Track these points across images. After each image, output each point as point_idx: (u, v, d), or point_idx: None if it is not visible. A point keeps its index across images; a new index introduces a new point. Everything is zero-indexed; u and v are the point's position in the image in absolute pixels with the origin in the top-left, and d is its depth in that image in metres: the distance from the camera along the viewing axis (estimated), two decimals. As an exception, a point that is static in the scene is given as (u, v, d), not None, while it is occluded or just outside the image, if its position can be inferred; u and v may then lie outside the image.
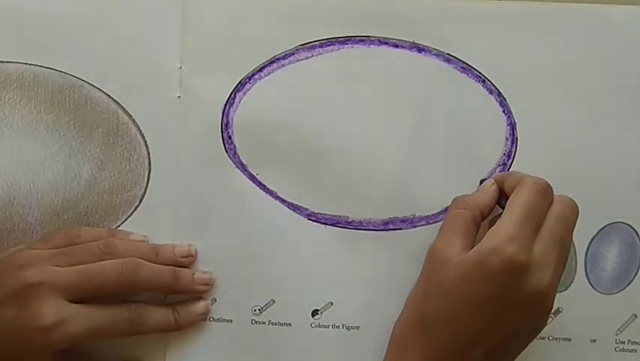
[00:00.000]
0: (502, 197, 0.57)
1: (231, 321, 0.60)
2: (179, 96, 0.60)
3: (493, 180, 0.58)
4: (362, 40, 0.61)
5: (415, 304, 0.55)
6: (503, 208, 0.55)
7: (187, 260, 0.59)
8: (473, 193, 0.58)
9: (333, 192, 0.60)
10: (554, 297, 0.54)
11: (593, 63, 0.61)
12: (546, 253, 0.52)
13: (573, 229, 0.55)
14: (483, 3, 0.61)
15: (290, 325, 0.60)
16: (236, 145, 0.60)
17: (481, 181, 0.59)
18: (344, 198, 0.60)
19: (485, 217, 0.57)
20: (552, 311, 0.59)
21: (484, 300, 0.52)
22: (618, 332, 0.60)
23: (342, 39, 0.61)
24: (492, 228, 0.53)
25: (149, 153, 0.60)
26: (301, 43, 0.60)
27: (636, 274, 0.61)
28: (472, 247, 0.53)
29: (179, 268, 0.58)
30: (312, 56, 0.60)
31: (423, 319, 0.54)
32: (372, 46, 0.61)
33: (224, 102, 0.60)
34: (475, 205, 0.56)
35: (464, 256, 0.53)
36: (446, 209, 0.60)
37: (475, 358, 0.52)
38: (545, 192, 0.54)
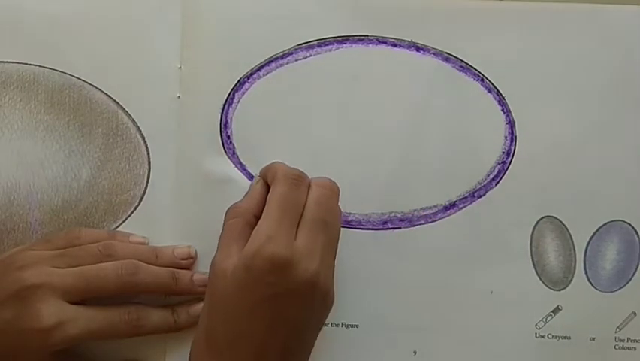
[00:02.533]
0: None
1: (231, 321, 0.60)
2: (179, 96, 0.60)
3: (258, 177, 0.58)
4: (360, 40, 0.61)
5: (202, 324, 0.54)
6: None
7: (187, 262, 0.59)
8: (244, 196, 0.57)
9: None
10: (330, 279, 0.54)
11: (592, 61, 0.61)
12: (309, 241, 0.52)
13: (335, 208, 0.55)
14: (482, 2, 0.61)
15: (289, 323, 0.60)
16: (235, 145, 0.60)
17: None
18: (343, 197, 0.59)
19: (260, 217, 0.55)
20: (552, 310, 0.60)
21: (259, 303, 0.51)
22: (617, 329, 0.60)
23: (340, 38, 0.61)
24: (253, 231, 0.53)
25: (148, 153, 0.60)
26: (300, 42, 0.61)
27: (635, 272, 0.61)
28: None
29: (178, 270, 0.58)
30: (311, 55, 0.61)
31: (210, 336, 0.53)
32: (370, 45, 0.61)
33: (224, 102, 0.60)
34: (246, 211, 0.55)
35: (235, 264, 0.52)
36: (445, 208, 0.60)
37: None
38: (298, 182, 0.54)
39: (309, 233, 0.53)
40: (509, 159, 0.60)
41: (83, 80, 0.60)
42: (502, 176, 0.60)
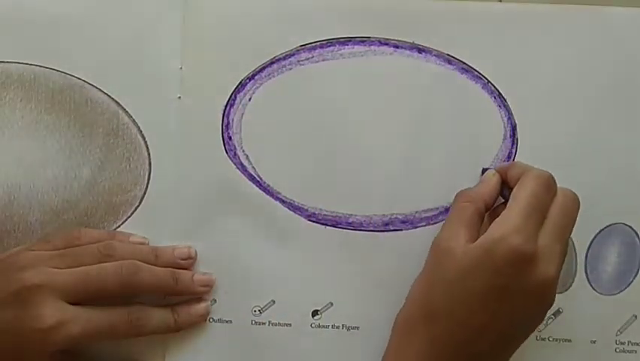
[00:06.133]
0: (504, 187, 0.57)
1: (231, 322, 0.60)
2: (180, 97, 0.60)
3: (494, 171, 0.58)
4: (362, 41, 0.61)
5: (419, 296, 0.55)
6: (505, 198, 0.56)
7: (187, 262, 0.59)
8: (476, 185, 0.58)
9: (334, 191, 0.60)
10: (555, 290, 0.54)
11: (593, 64, 0.61)
12: (550, 245, 0.52)
13: (575, 222, 0.55)
14: (483, 4, 0.61)
15: (290, 325, 0.60)
16: (237, 146, 0.60)
17: (484, 170, 0.59)
18: (345, 198, 0.60)
19: (489, 209, 0.57)
20: (552, 312, 0.60)
21: (489, 290, 0.52)
22: (618, 332, 0.60)
23: (342, 40, 0.61)
24: (497, 218, 0.53)
25: (149, 154, 0.60)
26: (302, 43, 0.60)
27: (636, 275, 0.61)
28: (477, 239, 0.53)
29: (179, 270, 0.58)
30: (313, 56, 0.60)
31: (428, 309, 0.54)
32: (372, 47, 0.61)
33: (225, 103, 0.60)
34: (479, 198, 0.56)
35: (469, 246, 0.53)
36: (446, 210, 0.60)
37: (479, 348, 0.52)
38: (549, 185, 0.54)
39: (550, 237, 0.53)
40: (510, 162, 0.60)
41: (84, 81, 0.60)
42: (504, 178, 0.60)
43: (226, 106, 0.60)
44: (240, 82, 0.60)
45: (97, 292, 0.55)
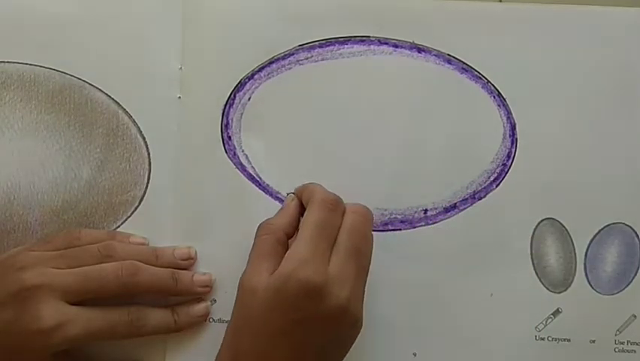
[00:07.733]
0: (304, 210, 0.57)
1: (231, 322, 0.60)
2: (180, 97, 0.60)
3: (293, 196, 0.58)
4: (362, 41, 0.61)
5: (230, 338, 0.54)
6: None
7: (187, 263, 0.59)
8: (277, 213, 0.58)
9: (334, 191, 0.60)
10: (360, 305, 0.54)
11: (593, 64, 0.61)
12: (343, 268, 0.53)
13: (368, 235, 0.55)
14: (483, 4, 0.61)
15: (289, 325, 0.60)
16: (236, 145, 0.60)
17: (288, 195, 0.59)
18: (344, 198, 0.59)
19: (291, 235, 0.56)
20: (552, 312, 0.60)
21: (288, 325, 0.52)
22: (617, 332, 0.60)
23: (341, 39, 0.61)
24: (288, 251, 0.53)
25: (149, 154, 0.60)
26: (301, 43, 0.61)
27: (635, 274, 0.60)
28: None
29: (179, 271, 0.58)
30: (312, 56, 0.60)
31: (236, 353, 0.53)
32: (372, 46, 0.61)
33: (224, 103, 0.60)
34: (278, 228, 0.56)
35: (267, 284, 0.52)
36: (446, 210, 0.60)
37: None
38: (334, 207, 0.55)
39: (342, 259, 0.53)
40: (510, 161, 0.60)
41: (84, 81, 0.60)
42: (503, 178, 0.60)
43: (225, 106, 0.60)
44: (240, 82, 0.60)
45: (97, 293, 0.55)
